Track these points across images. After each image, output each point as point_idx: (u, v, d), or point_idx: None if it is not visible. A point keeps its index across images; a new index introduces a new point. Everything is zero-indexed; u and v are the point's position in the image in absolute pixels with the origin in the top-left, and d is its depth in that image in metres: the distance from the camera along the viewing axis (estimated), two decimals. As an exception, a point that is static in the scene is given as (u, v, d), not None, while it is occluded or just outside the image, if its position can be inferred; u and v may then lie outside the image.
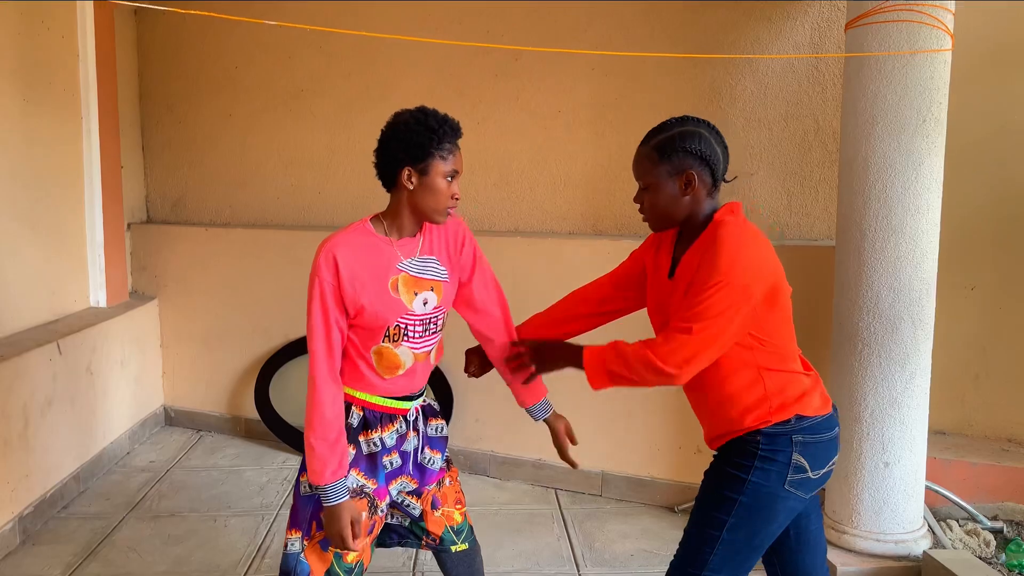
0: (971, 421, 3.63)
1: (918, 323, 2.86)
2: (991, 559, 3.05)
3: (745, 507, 1.87)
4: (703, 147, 1.88)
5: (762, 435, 1.87)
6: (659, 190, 1.92)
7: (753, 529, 1.89)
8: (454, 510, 2.21)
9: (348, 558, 2.00)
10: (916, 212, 2.81)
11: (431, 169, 1.92)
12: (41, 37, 3.73)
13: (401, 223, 2.01)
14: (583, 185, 3.99)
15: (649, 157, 1.93)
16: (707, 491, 1.97)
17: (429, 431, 2.17)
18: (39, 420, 3.44)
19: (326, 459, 1.89)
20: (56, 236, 3.90)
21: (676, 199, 1.91)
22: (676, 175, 1.89)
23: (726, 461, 1.94)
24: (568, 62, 3.89)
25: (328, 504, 1.90)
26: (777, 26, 3.63)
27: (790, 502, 1.88)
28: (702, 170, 1.89)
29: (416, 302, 1.99)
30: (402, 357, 2.00)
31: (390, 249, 1.99)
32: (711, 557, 1.90)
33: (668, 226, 1.98)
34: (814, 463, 1.87)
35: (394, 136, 1.94)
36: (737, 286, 1.74)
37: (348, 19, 4.18)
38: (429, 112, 1.95)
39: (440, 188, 1.93)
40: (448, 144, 1.93)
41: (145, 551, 3.23)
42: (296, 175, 4.46)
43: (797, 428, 1.86)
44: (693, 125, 1.93)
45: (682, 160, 1.88)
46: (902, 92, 2.77)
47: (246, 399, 4.46)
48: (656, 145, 1.92)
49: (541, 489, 3.89)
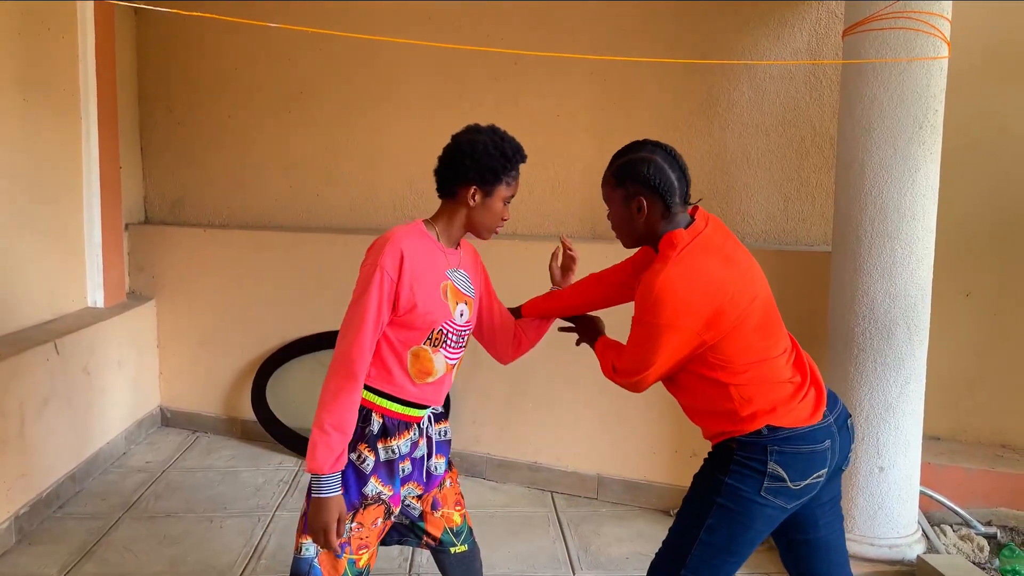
0: (965, 426, 3.65)
1: (913, 328, 2.88)
2: (985, 564, 3.06)
3: (723, 509, 1.90)
4: (653, 174, 1.91)
5: (736, 442, 1.90)
6: (616, 213, 2.02)
7: (731, 532, 1.90)
8: (454, 511, 2.21)
9: (360, 563, 1.99)
10: (912, 218, 2.83)
11: (495, 192, 2.00)
12: (41, 37, 3.74)
13: (451, 233, 2.05)
14: (581, 188, 4.00)
15: (608, 181, 2.02)
16: (692, 491, 2.01)
17: (436, 435, 2.16)
18: (36, 420, 3.44)
19: (334, 448, 1.86)
20: (54, 236, 3.90)
21: (630, 222, 1.99)
22: (629, 200, 1.96)
23: (710, 462, 1.99)
24: (567, 66, 3.90)
25: (319, 495, 1.87)
26: (775, 32, 3.65)
27: (768, 509, 1.88)
28: (652, 197, 1.93)
29: (457, 311, 2.02)
30: (436, 364, 2.01)
31: (442, 255, 2.02)
32: (689, 556, 1.93)
33: (630, 244, 2.07)
34: (793, 474, 1.86)
35: (469, 154, 1.97)
36: (656, 325, 1.84)
37: (348, 21, 4.19)
38: (506, 137, 2.03)
39: (497, 210, 2.03)
40: (515, 172, 2.03)
41: (141, 551, 3.23)
42: (295, 177, 4.47)
43: (771, 438, 1.87)
44: (648, 151, 1.95)
45: (633, 187, 1.94)
46: (899, 99, 2.79)
47: (243, 400, 4.47)
48: (614, 171, 1.99)
49: (537, 492, 3.89)
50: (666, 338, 1.84)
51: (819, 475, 1.90)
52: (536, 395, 3.90)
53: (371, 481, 1.97)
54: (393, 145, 4.24)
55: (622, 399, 3.71)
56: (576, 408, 3.85)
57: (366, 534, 1.98)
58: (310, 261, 4.23)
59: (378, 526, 2.00)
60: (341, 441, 1.88)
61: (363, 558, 1.99)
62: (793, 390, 1.91)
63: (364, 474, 1.97)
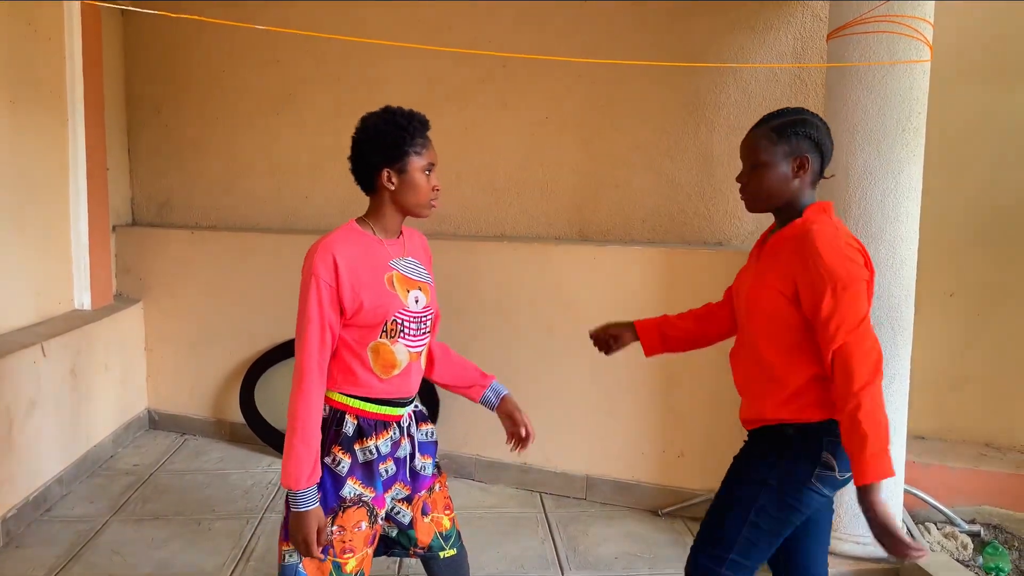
0: (950, 426, 3.68)
1: (897, 329, 2.91)
2: (969, 562, 3.10)
3: (773, 491, 1.94)
4: (820, 136, 1.96)
5: (794, 428, 1.94)
6: (771, 169, 1.97)
7: (779, 515, 1.95)
8: (443, 516, 2.21)
9: (348, 567, 1.98)
10: (896, 219, 2.86)
11: (409, 166, 1.96)
12: (28, 39, 3.72)
13: (386, 224, 2.04)
14: (570, 191, 4.02)
15: (768, 136, 1.99)
16: (737, 472, 2.04)
17: (420, 436, 2.16)
18: (23, 422, 3.42)
19: (304, 463, 1.87)
20: (41, 238, 3.88)
21: (786, 180, 1.97)
22: (791, 157, 1.96)
23: (759, 446, 2.01)
24: (555, 69, 3.92)
25: (297, 509, 1.88)
26: (760, 36, 3.68)
27: (814, 495, 1.94)
28: (815, 157, 1.96)
29: (410, 298, 2.01)
30: (398, 355, 2.00)
31: (382, 247, 2.02)
32: (737, 537, 1.95)
33: (766, 207, 2.03)
34: (842, 464, 1.92)
35: (366, 140, 1.98)
36: (855, 278, 1.82)
37: (336, 23, 4.20)
38: (396, 111, 1.99)
39: (420, 183, 1.98)
40: (420, 139, 1.98)
41: (129, 554, 3.22)
42: (283, 179, 4.47)
43: (828, 430, 1.92)
44: (810, 115, 2.00)
45: (799, 143, 1.95)
46: (882, 101, 2.82)
47: (231, 403, 4.46)
48: (776, 127, 1.98)
49: (526, 493, 3.90)
50: (861, 290, 1.82)
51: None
52: (525, 396, 3.88)
53: (348, 483, 1.97)
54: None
55: (610, 400, 3.74)
56: (565, 409, 3.86)
57: (349, 537, 1.97)
58: (298, 263, 4.15)
59: (363, 530, 1.98)
60: (308, 454, 1.88)
61: (349, 562, 1.98)
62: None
63: (340, 477, 1.97)
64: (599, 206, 3.98)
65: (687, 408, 3.66)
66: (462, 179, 4.13)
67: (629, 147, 3.90)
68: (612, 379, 3.74)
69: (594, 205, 3.99)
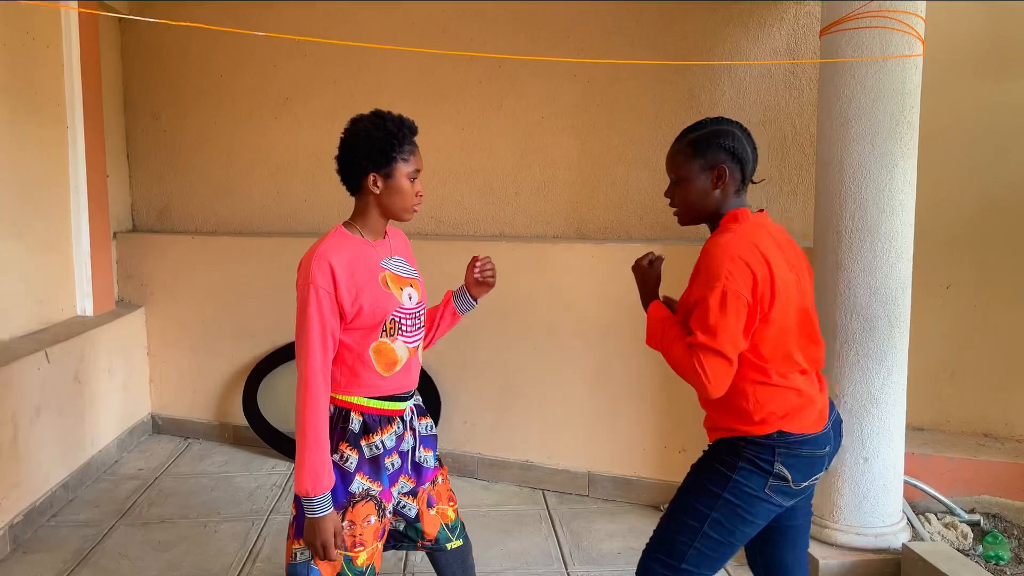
0: (948, 417, 3.71)
1: (894, 321, 2.93)
2: (969, 551, 3.12)
3: (727, 504, 1.93)
4: (735, 145, 1.97)
5: (746, 442, 1.94)
6: (691, 183, 2.00)
7: (731, 526, 1.95)
8: (448, 507, 2.26)
9: (359, 560, 2.01)
10: (891, 213, 2.88)
11: (395, 172, 1.99)
12: (26, 47, 3.74)
13: (372, 226, 2.07)
14: (567, 189, 4.04)
15: (684, 152, 2.02)
16: (691, 483, 2.03)
17: (420, 429, 2.21)
18: (28, 429, 3.45)
19: (319, 471, 1.89)
20: (42, 245, 3.90)
21: (707, 193, 1.99)
22: (708, 169, 1.98)
23: (714, 457, 2.00)
24: (551, 69, 3.94)
25: (313, 516, 1.90)
26: (754, 32, 3.71)
27: (769, 505, 1.95)
28: (733, 166, 1.97)
29: (404, 296, 2.06)
30: (398, 352, 2.05)
31: (372, 249, 2.05)
32: (689, 549, 1.96)
33: (695, 220, 2.06)
34: (796, 475, 1.93)
35: (355, 143, 2.00)
36: (715, 288, 1.84)
37: (334, 27, 4.22)
38: (386, 116, 2.01)
39: (405, 189, 2.01)
40: (408, 145, 2.00)
41: (136, 557, 3.24)
42: (282, 183, 4.49)
43: (780, 442, 1.92)
44: (727, 125, 2.01)
45: (715, 155, 1.97)
46: (876, 96, 2.84)
47: (234, 406, 4.48)
48: (692, 141, 2.01)
49: (528, 490, 3.93)
50: (728, 301, 1.83)
51: (817, 477, 1.99)
52: (526, 394, 3.93)
53: (357, 479, 2.01)
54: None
55: (611, 397, 3.76)
56: (566, 407, 3.89)
57: (359, 531, 2.00)
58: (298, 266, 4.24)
59: (372, 523, 2.02)
60: (320, 462, 1.90)
61: (360, 556, 2.01)
62: (807, 400, 1.97)
63: (349, 473, 2.00)
64: (596, 204, 4.00)
65: (688, 404, 3.66)
66: (459, 180, 4.15)
67: (625, 145, 3.93)
68: (612, 376, 3.77)
69: (591, 204, 4.01)
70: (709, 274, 1.87)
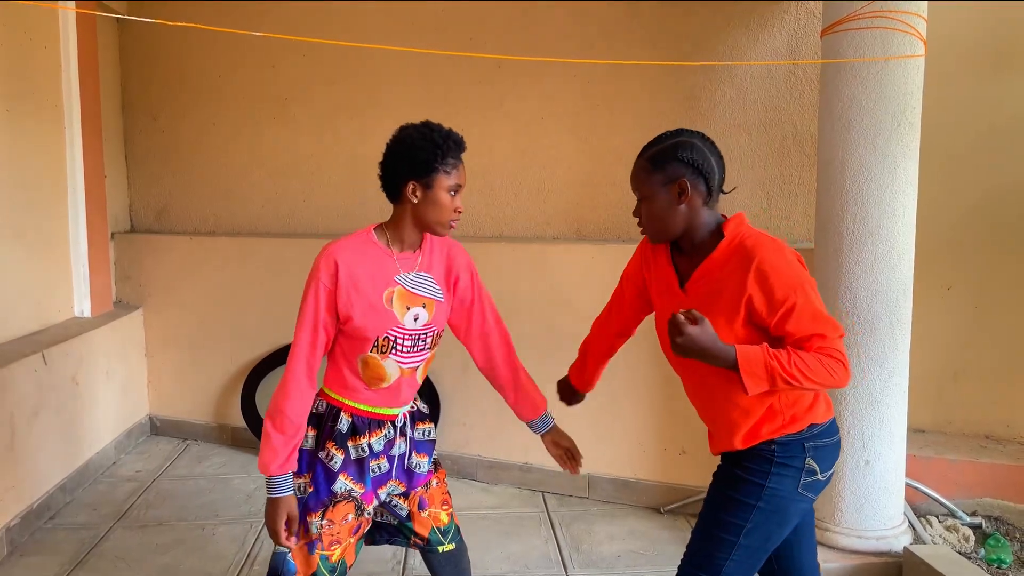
0: (949, 419, 3.69)
1: (896, 323, 2.92)
2: (970, 554, 3.11)
3: (762, 512, 1.90)
4: (695, 156, 1.89)
5: (776, 444, 1.90)
6: (654, 200, 1.92)
7: (768, 532, 1.92)
8: (441, 511, 2.24)
9: (333, 558, 2.04)
10: (892, 214, 2.87)
11: (435, 183, 1.97)
12: (24, 48, 3.73)
13: (403, 235, 2.04)
14: (566, 190, 4.03)
15: (644, 168, 1.94)
16: (720, 496, 1.98)
17: (416, 435, 2.19)
18: (25, 431, 3.43)
19: (278, 452, 1.94)
20: (40, 246, 3.89)
21: (671, 208, 1.91)
22: (669, 184, 1.89)
23: (739, 467, 1.95)
24: (550, 69, 3.93)
25: (270, 495, 1.95)
26: (755, 33, 3.69)
27: (803, 504, 1.94)
28: (695, 179, 1.89)
29: (408, 316, 2.02)
30: (388, 370, 2.03)
31: (390, 261, 2.02)
32: (726, 562, 1.92)
33: (665, 238, 1.98)
34: (823, 465, 1.92)
35: (399, 151, 1.98)
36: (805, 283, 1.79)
37: (332, 27, 4.21)
38: (434, 127, 1.99)
39: (444, 202, 1.99)
40: (452, 159, 1.98)
41: (133, 560, 3.22)
42: (281, 183, 4.47)
43: (809, 435, 1.91)
44: (687, 136, 1.93)
45: (675, 169, 1.89)
46: (877, 97, 2.83)
47: (232, 407, 4.47)
48: (650, 157, 1.94)
49: (528, 492, 3.91)
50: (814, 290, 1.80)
51: (836, 463, 1.98)
52: (525, 396, 3.91)
53: (340, 478, 2.02)
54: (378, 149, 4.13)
55: (611, 399, 3.75)
56: (565, 409, 3.85)
57: (337, 530, 2.03)
58: (297, 266, 4.19)
59: (349, 522, 2.04)
60: (284, 444, 1.94)
61: (335, 553, 2.04)
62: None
63: (332, 472, 2.02)
64: (596, 205, 3.99)
65: (687, 405, 3.61)
66: (459, 180, 4.14)
67: (626, 146, 3.90)
68: (612, 377, 3.73)
69: (591, 204, 4.00)
70: (780, 277, 1.77)
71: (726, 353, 1.74)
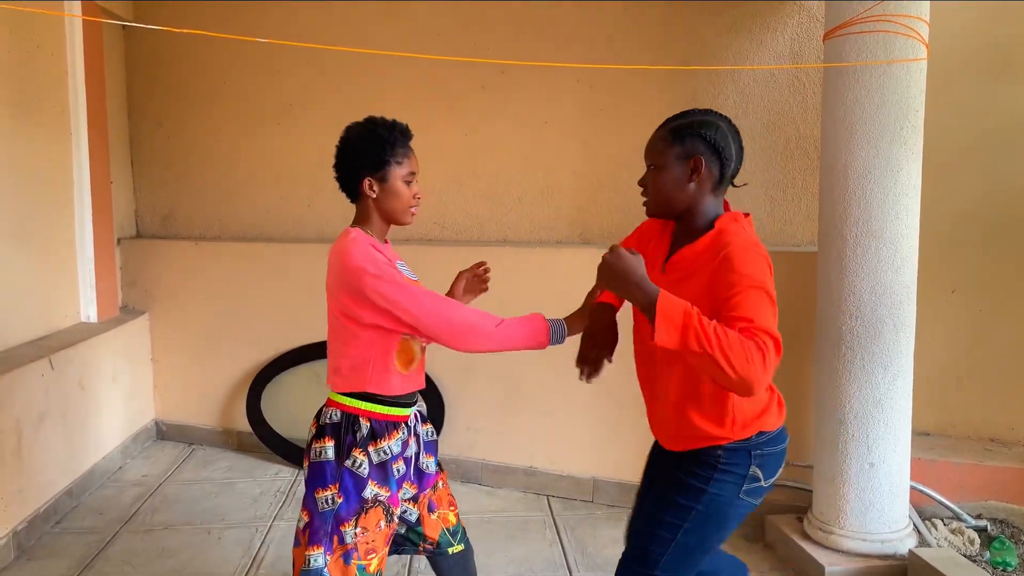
0: (954, 422, 3.69)
1: (900, 326, 2.92)
2: (976, 557, 3.10)
3: (701, 515, 1.90)
4: (718, 138, 1.87)
5: (723, 450, 1.89)
6: (666, 171, 1.91)
7: (705, 534, 1.93)
8: (449, 511, 2.27)
9: (371, 568, 2.03)
10: (896, 217, 2.87)
11: (390, 175, 2.03)
12: (30, 54, 3.75)
13: (375, 230, 2.10)
14: (570, 195, 4.04)
15: (663, 138, 1.94)
16: (660, 493, 1.98)
17: (423, 436, 2.22)
18: (32, 436, 3.44)
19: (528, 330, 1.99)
20: (46, 252, 3.91)
21: (680, 184, 1.89)
22: (685, 159, 1.88)
23: (682, 469, 1.94)
24: (554, 74, 3.94)
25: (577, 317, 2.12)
26: (757, 37, 3.70)
27: (743, 509, 1.93)
28: (712, 161, 1.88)
29: None
30: (415, 349, 2.08)
31: (389, 250, 2.10)
32: (662, 557, 1.93)
33: (666, 212, 1.95)
34: (767, 472, 1.92)
35: (349, 150, 2.04)
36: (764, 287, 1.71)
37: (337, 32, 4.22)
38: (378, 121, 2.04)
39: (401, 191, 2.05)
40: (401, 148, 2.03)
41: (139, 564, 3.23)
42: (286, 188, 4.49)
43: (756, 443, 1.90)
44: (714, 117, 1.92)
45: (694, 146, 1.88)
46: (880, 100, 2.83)
47: (238, 412, 4.48)
48: (673, 128, 1.93)
49: (533, 496, 3.92)
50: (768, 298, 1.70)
51: (781, 471, 1.97)
52: (530, 400, 3.92)
53: (368, 485, 2.02)
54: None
55: (615, 403, 3.75)
56: (570, 412, 3.88)
57: (371, 538, 2.02)
58: (302, 271, 4.25)
59: (382, 529, 2.03)
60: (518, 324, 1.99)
61: (372, 563, 2.03)
62: (769, 396, 1.95)
63: (362, 478, 2.01)
64: (600, 209, 4.00)
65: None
66: (463, 186, 4.15)
67: (629, 150, 3.91)
68: (617, 381, 3.74)
69: (595, 208, 4.01)
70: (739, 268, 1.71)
71: (649, 290, 1.68)
